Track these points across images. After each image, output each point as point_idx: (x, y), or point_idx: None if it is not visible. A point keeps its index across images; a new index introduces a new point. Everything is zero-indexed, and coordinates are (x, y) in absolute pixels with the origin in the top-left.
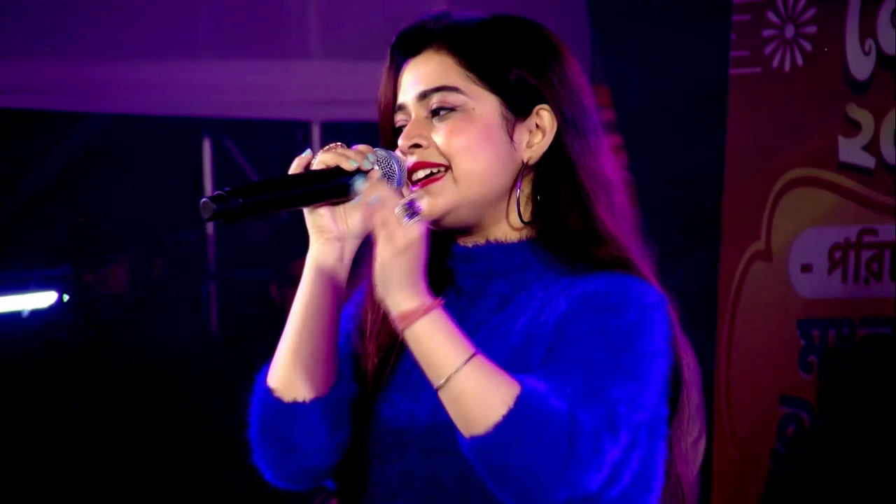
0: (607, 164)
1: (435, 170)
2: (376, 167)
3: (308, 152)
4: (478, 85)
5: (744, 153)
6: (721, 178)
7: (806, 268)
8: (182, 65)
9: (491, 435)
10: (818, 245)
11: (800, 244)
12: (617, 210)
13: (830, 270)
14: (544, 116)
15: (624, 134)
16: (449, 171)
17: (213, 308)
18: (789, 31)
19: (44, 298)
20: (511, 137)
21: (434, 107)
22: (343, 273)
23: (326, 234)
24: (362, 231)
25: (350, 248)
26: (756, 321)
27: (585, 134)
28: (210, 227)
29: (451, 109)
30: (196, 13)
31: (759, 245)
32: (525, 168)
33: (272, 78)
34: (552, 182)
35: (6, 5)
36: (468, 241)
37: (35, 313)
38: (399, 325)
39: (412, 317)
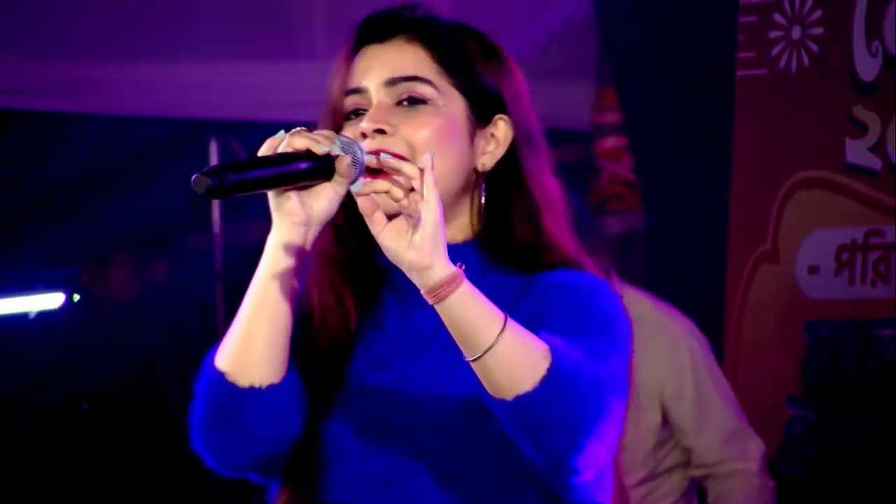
0: (553, 180)
1: (397, 160)
2: (343, 153)
3: (281, 133)
4: (449, 83)
5: (750, 155)
6: (728, 179)
7: (813, 269)
8: (188, 66)
9: (538, 390)
10: (825, 246)
11: (807, 245)
12: (563, 226)
13: (837, 272)
14: (501, 126)
15: (630, 136)
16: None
17: (219, 309)
18: (796, 33)
19: (51, 300)
20: (471, 142)
21: (404, 96)
22: (303, 259)
23: (293, 218)
24: (327, 216)
25: (312, 234)
26: (763, 322)
27: (538, 149)
28: (217, 228)
29: (422, 102)
30: (202, 14)
31: (766, 246)
32: (477, 175)
33: (278, 79)
34: (504, 192)
35: (11, 5)
36: None
37: (42, 314)
38: (438, 294)
39: (453, 284)
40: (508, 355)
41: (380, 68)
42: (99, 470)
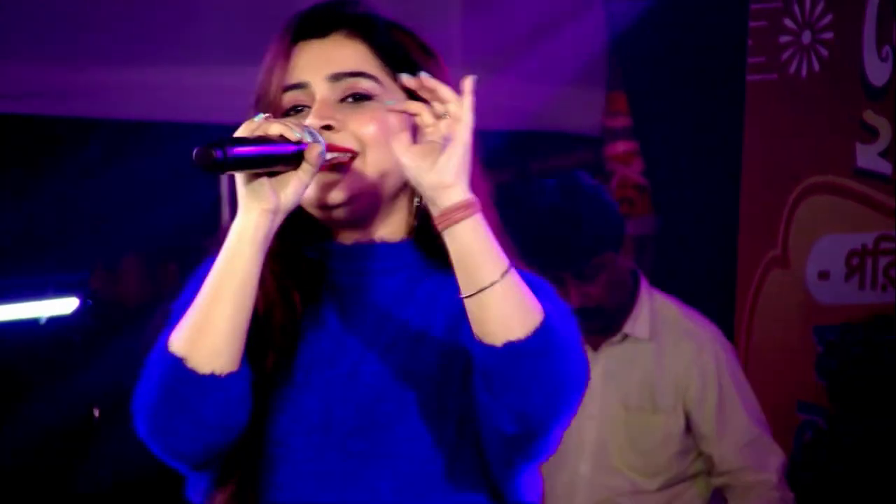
0: (485, 178)
1: (346, 155)
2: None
3: (260, 117)
4: (391, 80)
5: (760, 159)
6: (738, 184)
7: (823, 274)
8: (195, 70)
9: (530, 340)
10: (835, 251)
11: (817, 251)
12: (497, 226)
13: (848, 277)
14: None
15: (640, 140)
16: (358, 159)
17: None
18: (806, 38)
19: (61, 305)
20: (413, 139)
21: (348, 92)
22: (266, 248)
23: (264, 205)
24: (293, 204)
25: (278, 223)
26: (773, 327)
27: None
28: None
29: (367, 98)
30: (207, 18)
31: (777, 251)
32: None
33: None
34: None
35: (20, 10)
36: (347, 239)
37: (53, 319)
38: (453, 217)
39: (469, 209)
40: (506, 297)
41: (321, 64)
42: (110, 474)
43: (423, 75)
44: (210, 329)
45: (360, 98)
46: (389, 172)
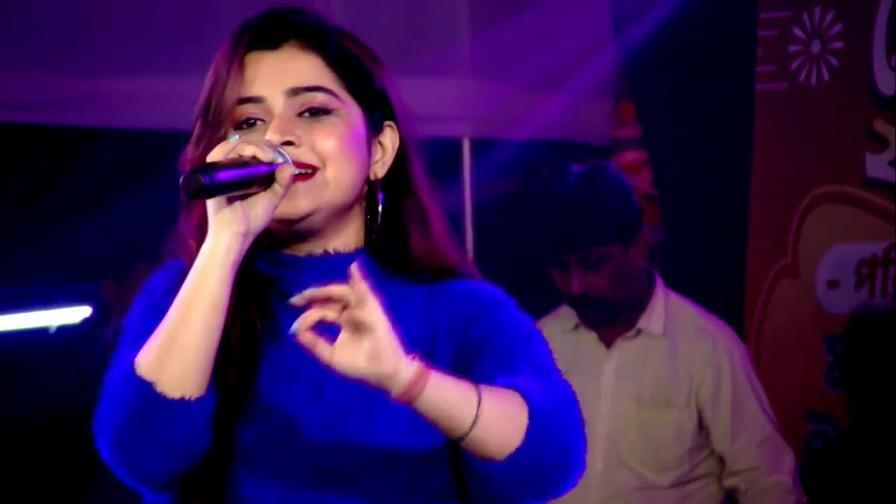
0: (432, 185)
1: (305, 170)
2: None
3: (236, 138)
4: (347, 92)
5: (770, 169)
6: (747, 193)
7: (833, 284)
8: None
9: (526, 441)
10: (845, 261)
11: (827, 260)
12: (447, 231)
13: (858, 286)
14: (388, 134)
15: (649, 149)
16: (318, 174)
17: None
18: (815, 47)
19: (73, 314)
20: (368, 150)
21: (306, 106)
22: (236, 270)
23: (235, 227)
24: (262, 225)
25: (248, 244)
26: (783, 337)
27: (420, 154)
28: None
29: (327, 112)
30: (224, 27)
31: (786, 261)
32: (368, 184)
33: None
34: (395, 199)
35: (33, 21)
36: (300, 250)
37: (63, 329)
38: (411, 394)
39: (423, 379)
40: (492, 422)
41: (277, 77)
42: (121, 484)
43: (307, 293)
44: (179, 353)
45: (318, 112)
46: (348, 186)
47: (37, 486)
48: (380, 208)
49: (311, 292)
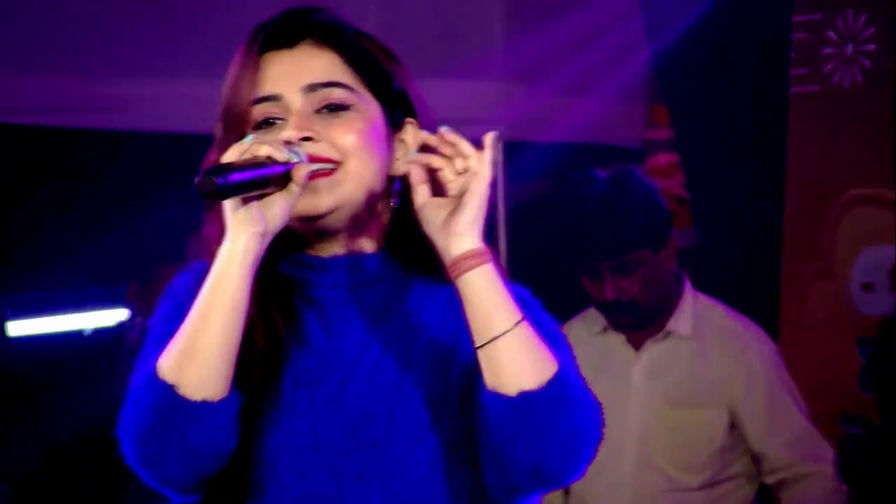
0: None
1: (326, 165)
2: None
3: (249, 139)
4: (366, 88)
5: (804, 171)
6: (781, 196)
7: (867, 286)
8: None
9: (544, 390)
10: (880, 263)
11: (861, 262)
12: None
13: (893, 289)
14: (410, 130)
15: (682, 152)
16: (339, 169)
17: None
18: (849, 49)
19: (106, 316)
20: (388, 147)
21: (324, 103)
22: (254, 271)
23: (253, 228)
24: (280, 225)
25: (266, 244)
26: (817, 339)
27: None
28: None
29: (345, 108)
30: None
31: (821, 263)
32: (389, 181)
33: None
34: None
35: (63, 24)
36: (323, 251)
37: (97, 332)
38: (464, 265)
39: (480, 258)
40: (519, 347)
41: (294, 75)
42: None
43: (444, 129)
44: (200, 355)
45: (336, 108)
46: (370, 182)
47: (69, 488)
48: (392, 202)
49: (446, 133)
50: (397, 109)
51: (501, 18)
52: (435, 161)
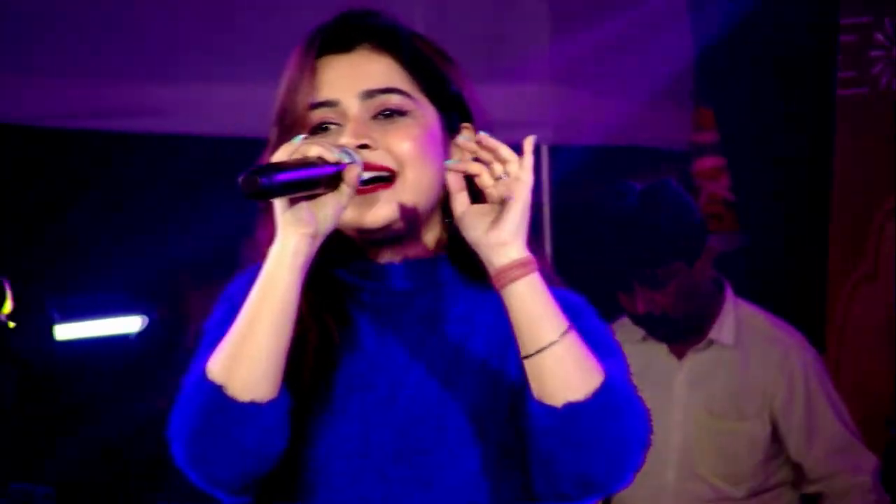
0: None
1: (384, 174)
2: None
3: (299, 138)
4: (422, 93)
5: (851, 174)
6: (827, 199)
7: None
8: (261, 87)
9: (591, 401)
10: None
11: None
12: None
13: None
14: (466, 135)
15: (728, 155)
16: (397, 178)
17: None
18: None
19: (131, 323)
20: (445, 152)
21: (381, 109)
22: (305, 273)
23: (304, 229)
24: (331, 227)
25: (317, 246)
26: (862, 343)
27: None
28: None
29: (402, 114)
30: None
31: (867, 267)
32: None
33: None
34: None
35: (106, 28)
36: (380, 257)
37: (141, 335)
38: (509, 275)
39: (526, 268)
40: (566, 358)
41: (351, 80)
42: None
43: (482, 135)
44: (248, 356)
45: (392, 114)
46: (427, 190)
47: (115, 488)
48: (438, 211)
49: (484, 138)
50: (454, 114)
51: (546, 21)
52: (472, 167)
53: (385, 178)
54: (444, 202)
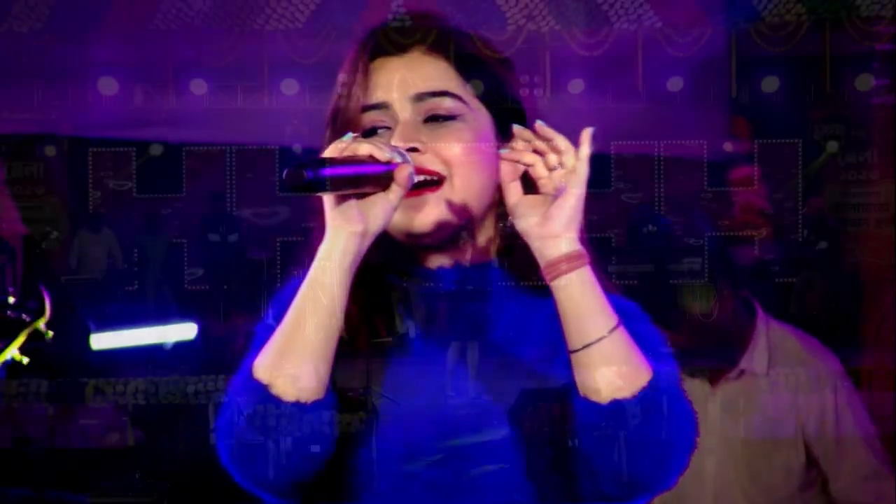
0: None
1: (432, 178)
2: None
3: (349, 136)
4: (476, 97)
5: (886, 181)
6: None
7: None
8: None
9: (637, 399)
10: None
11: None
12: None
13: None
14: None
15: (763, 164)
16: (446, 183)
17: None
18: None
19: (186, 330)
20: (498, 157)
21: (431, 112)
22: (353, 272)
23: (353, 227)
24: (381, 226)
25: (366, 246)
26: None
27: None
28: None
29: (452, 118)
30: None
31: None
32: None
33: None
34: None
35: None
36: (431, 262)
37: (179, 345)
38: (560, 268)
39: (578, 261)
40: (614, 354)
41: (403, 83)
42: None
43: (539, 125)
44: (293, 355)
45: (444, 118)
46: (476, 194)
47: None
48: (492, 215)
49: (541, 128)
50: (507, 117)
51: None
52: (526, 157)
53: (433, 182)
54: (499, 206)
